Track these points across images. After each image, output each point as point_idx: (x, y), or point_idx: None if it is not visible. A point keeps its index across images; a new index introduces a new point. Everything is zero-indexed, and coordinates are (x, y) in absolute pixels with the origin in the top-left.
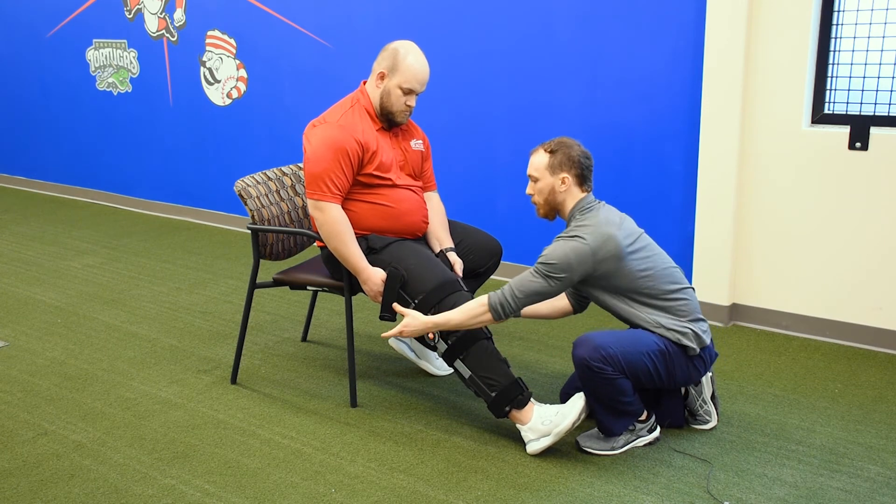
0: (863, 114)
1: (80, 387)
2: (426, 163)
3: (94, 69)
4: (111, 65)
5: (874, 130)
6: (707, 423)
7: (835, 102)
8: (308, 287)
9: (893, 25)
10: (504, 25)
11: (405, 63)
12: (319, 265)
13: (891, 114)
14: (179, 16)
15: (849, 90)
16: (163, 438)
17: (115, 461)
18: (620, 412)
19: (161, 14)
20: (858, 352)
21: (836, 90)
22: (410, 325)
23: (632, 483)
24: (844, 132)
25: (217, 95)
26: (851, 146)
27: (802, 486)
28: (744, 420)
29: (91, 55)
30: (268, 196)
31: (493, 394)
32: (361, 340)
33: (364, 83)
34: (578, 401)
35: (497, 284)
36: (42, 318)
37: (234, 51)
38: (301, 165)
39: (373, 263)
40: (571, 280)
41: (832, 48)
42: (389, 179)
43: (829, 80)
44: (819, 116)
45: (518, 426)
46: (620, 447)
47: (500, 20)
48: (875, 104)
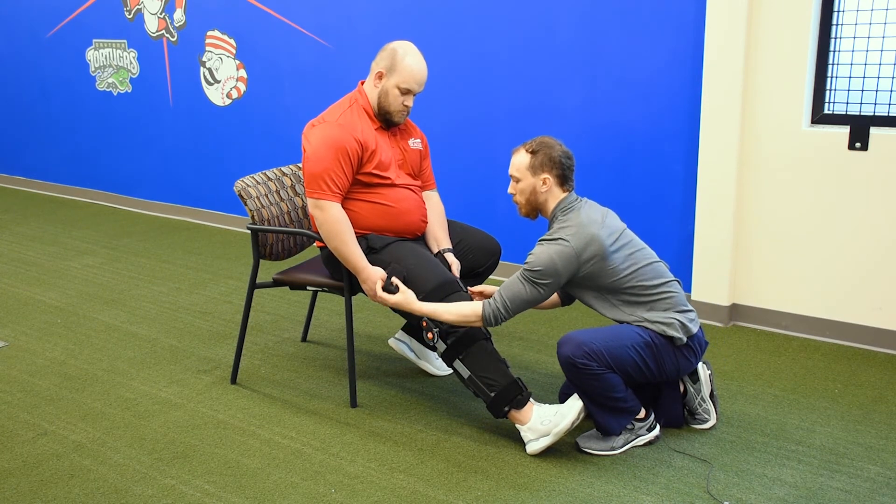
0: (863, 114)
1: (80, 387)
2: (425, 161)
3: (94, 69)
4: (111, 65)
5: (874, 130)
6: (706, 422)
7: (835, 102)
8: (308, 287)
9: (893, 25)
10: (504, 26)
11: (403, 63)
12: (319, 265)
13: (891, 114)
14: (179, 16)
15: (849, 90)
16: (163, 438)
17: (115, 461)
18: (615, 409)
19: (161, 14)
20: (858, 352)
21: (836, 90)
22: (402, 304)
23: (631, 483)
24: (844, 132)
25: (217, 95)
26: (851, 146)
27: (802, 487)
28: (744, 420)
29: (91, 55)
30: (268, 196)
31: (493, 394)
32: (361, 340)
33: (362, 83)
34: (577, 401)
35: (496, 284)
36: (42, 319)
37: (234, 51)
38: (301, 165)
39: (373, 263)
40: (559, 283)
41: (832, 48)
42: (389, 178)
43: (829, 81)
44: (819, 116)
45: (517, 426)
46: (620, 447)
47: (500, 20)
48: (875, 104)
